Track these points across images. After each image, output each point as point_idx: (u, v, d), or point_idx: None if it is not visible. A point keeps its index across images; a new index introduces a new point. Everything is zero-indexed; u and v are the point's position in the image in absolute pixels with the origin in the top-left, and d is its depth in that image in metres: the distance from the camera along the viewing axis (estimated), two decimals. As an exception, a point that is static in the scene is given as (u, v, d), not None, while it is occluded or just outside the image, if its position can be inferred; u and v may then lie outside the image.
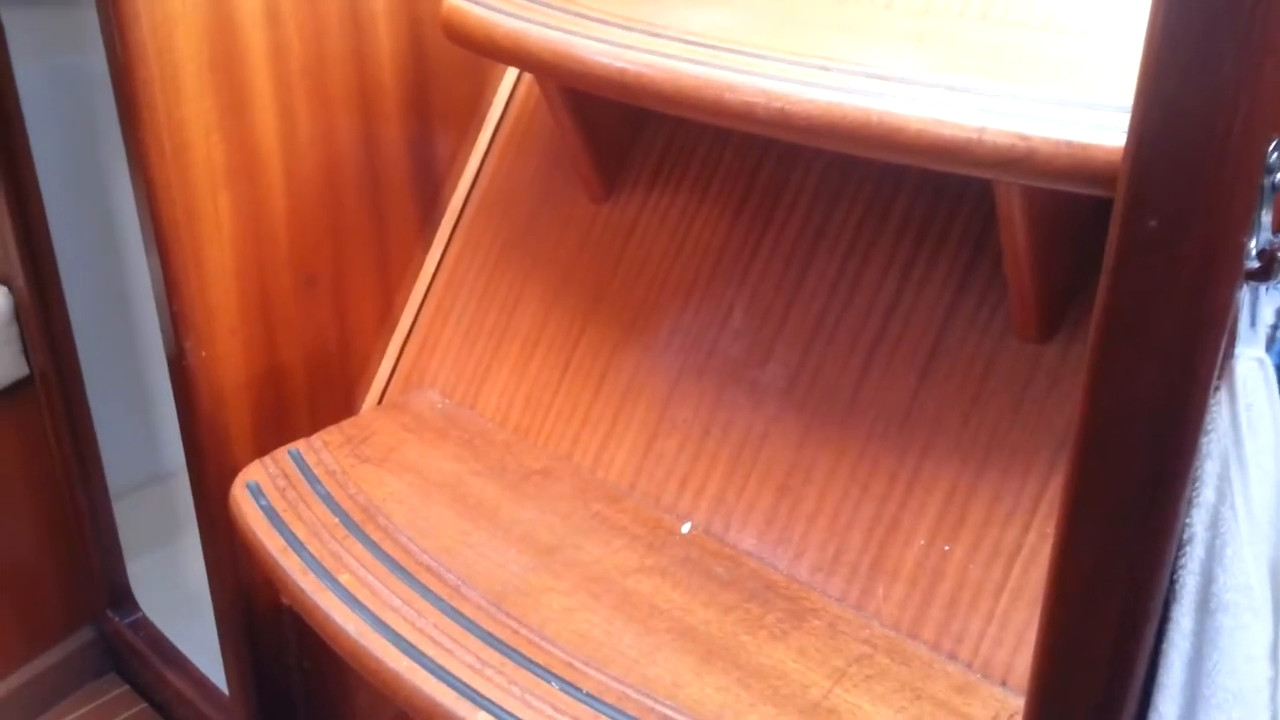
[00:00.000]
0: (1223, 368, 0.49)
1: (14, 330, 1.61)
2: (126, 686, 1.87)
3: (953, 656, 0.89)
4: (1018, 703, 0.84)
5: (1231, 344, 0.49)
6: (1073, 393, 0.88)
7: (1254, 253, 0.47)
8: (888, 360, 0.97)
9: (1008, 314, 0.91)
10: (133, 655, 1.82)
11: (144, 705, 1.83)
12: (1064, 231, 0.84)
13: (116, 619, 1.84)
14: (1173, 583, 0.53)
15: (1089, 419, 0.49)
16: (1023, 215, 0.80)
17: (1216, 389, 0.49)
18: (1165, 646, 0.54)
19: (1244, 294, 0.48)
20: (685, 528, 1.04)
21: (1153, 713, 0.55)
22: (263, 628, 1.32)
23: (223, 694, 1.65)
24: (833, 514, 0.97)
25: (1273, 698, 0.53)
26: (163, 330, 1.17)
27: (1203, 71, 0.43)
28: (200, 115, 1.07)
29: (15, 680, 1.75)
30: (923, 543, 0.92)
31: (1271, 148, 0.45)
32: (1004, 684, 0.86)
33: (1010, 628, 0.87)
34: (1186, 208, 0.44)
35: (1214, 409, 0.50)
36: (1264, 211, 0.47)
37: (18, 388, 1.64)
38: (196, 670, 1.74)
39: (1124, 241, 0.45)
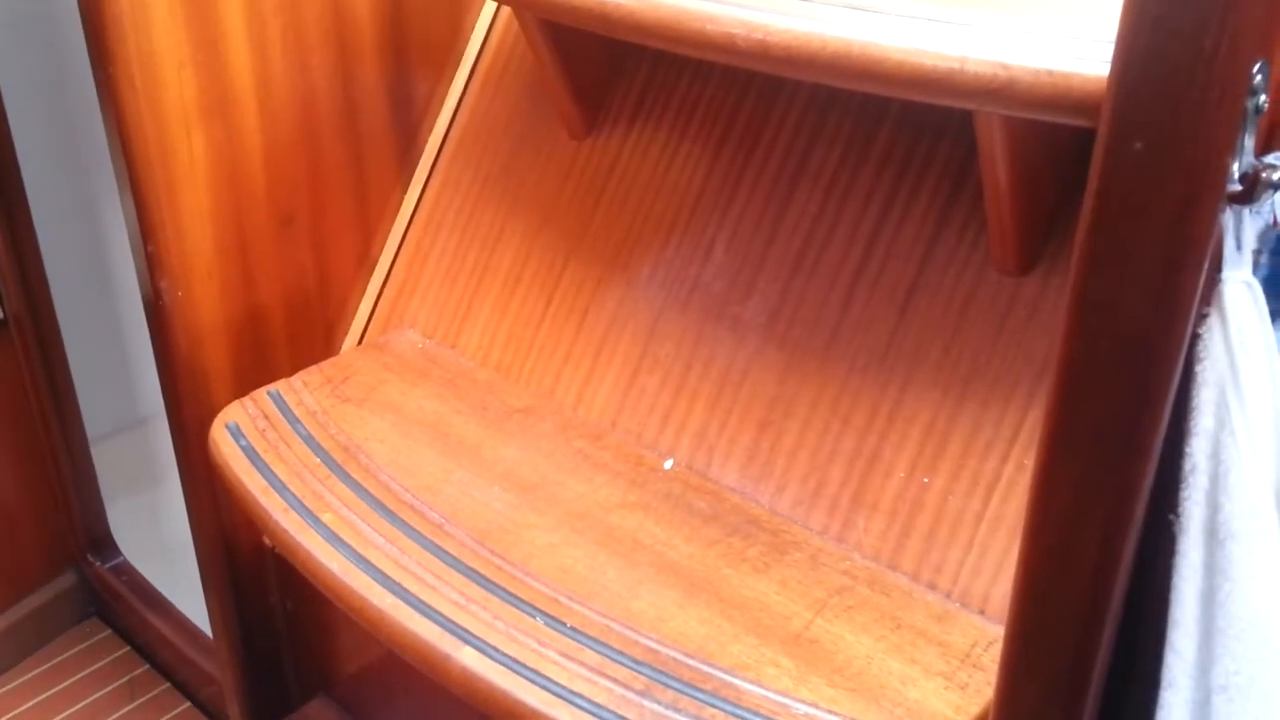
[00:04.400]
0: (1211, 293, 0.49)
1: (-14, 274, 1.60)
2: (109, 630, 1.87)
3: (932, 586, 0.90)
4: (996, 630, 0.86)
5: (1217, 268, 0.49)
6: (1051, 325, 0.88)
7: (1237, 175, 0.47)
8: (868, 295, 0.97)
9: (987, 247, 0.91)
10: (115, 599, 1.82)
11: (127, 649, 1.83)
12: (1044, 164, 0.84)
13: (97, 563, 1.84)
14: (1177, 516, 0.53)
15: (1072, 340, 0.49)
16: (1003, 148, 0.80)
17: (1207, 315, 0.50)
18: (1176, 581, 0.53)
19: (1228, 217, 0.48)
20: (667, 464, 1.04)
21: (1169, 649, 0.53)
22: (245, 569, 1.32)
23: (206, 636, 1.66)
24: (814, 448, 0.97)
25: None
26: (138, 272, 1.16)
27: (1189, -7, 0.43)
28: (172, 49, 1.06)
29: (-3, 625, 1.75)
30: (902, 475, 0.93)
31: (1255, 70, 0.45)
32: (982, 612, 0.88)
33: (989, 557, 0.88)
34: (1171, 129, 0.44)
35: (1207, 336, 0.50)
36: (1247, 134, 0.47)
37: (-8, 333, 1.63)
38: (179, 613, 1.75)
39: (1108, 163, 0.45)
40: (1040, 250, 0.88)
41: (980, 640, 0.85)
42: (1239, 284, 0.50)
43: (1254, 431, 0.50)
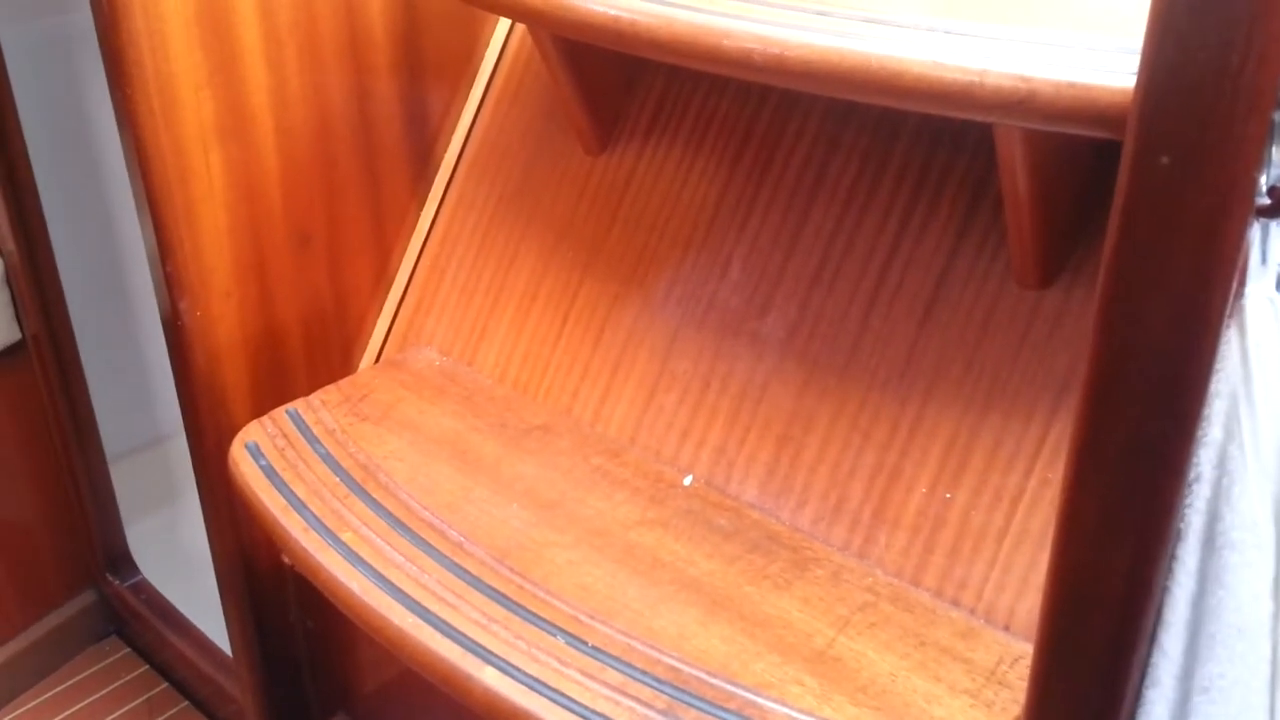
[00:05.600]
0: (1233, 306, 0.49)
1: (5, 295, 1.60)
2: (128, 649, 1.87)
3: (955, 603, 0.89)
4: (1021, 647, 0.85)
5: (1242, 282, 0.49)
6: (1073, 338, 0.88)
7: (1265, 189, 0.47)
8: (888, 308, 0.96)
9: (1007, 260, 0.91)
10: (133, 618, 1.83)
11: (146, 667, 1.84)
12: (1064, 176, 0.84)
13: (116, 582, 1.84)
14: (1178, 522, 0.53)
15: (1100, 358, 0.49)
16: (1024, 160, 0.80)
17: (1227, 327, 0.49)
18: (1170, 584, 0.54)
19: (1255, 231, 0.48)
20: (687, 480, 1.04)
21: (1157, 649, 0.55)
22: (264, 588, 1.32)
23: (224, 654, 1.66)
24: (834, 463, 0.97)
25: (1273, 631, 0.53)
26: (157, 292, 1.16)
27: (1214, 6, 0.43)
28: (189, 71, 1.06)
29: (18, 644, 1.76)
30: (924, 490, 0.92)
31: (1283, 82, 0.45)
32: (1007, 629, 0.87)
33: (1013, 573, 0.87)
34: (1198, 144, 0.44)
35: (1223, 347, 0.49)
36: (1275, 147, 0.46)
37: (10, 352, 1.64)
38: (198, 631, 1.75)
39: (1135, 179, 0.45)
40: (1062, 263, 0.88)
41: (1005, 657, 0.84)
42: (1261, 298, 0.50)
43: (1261, 446, 0.51)
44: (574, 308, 1.16)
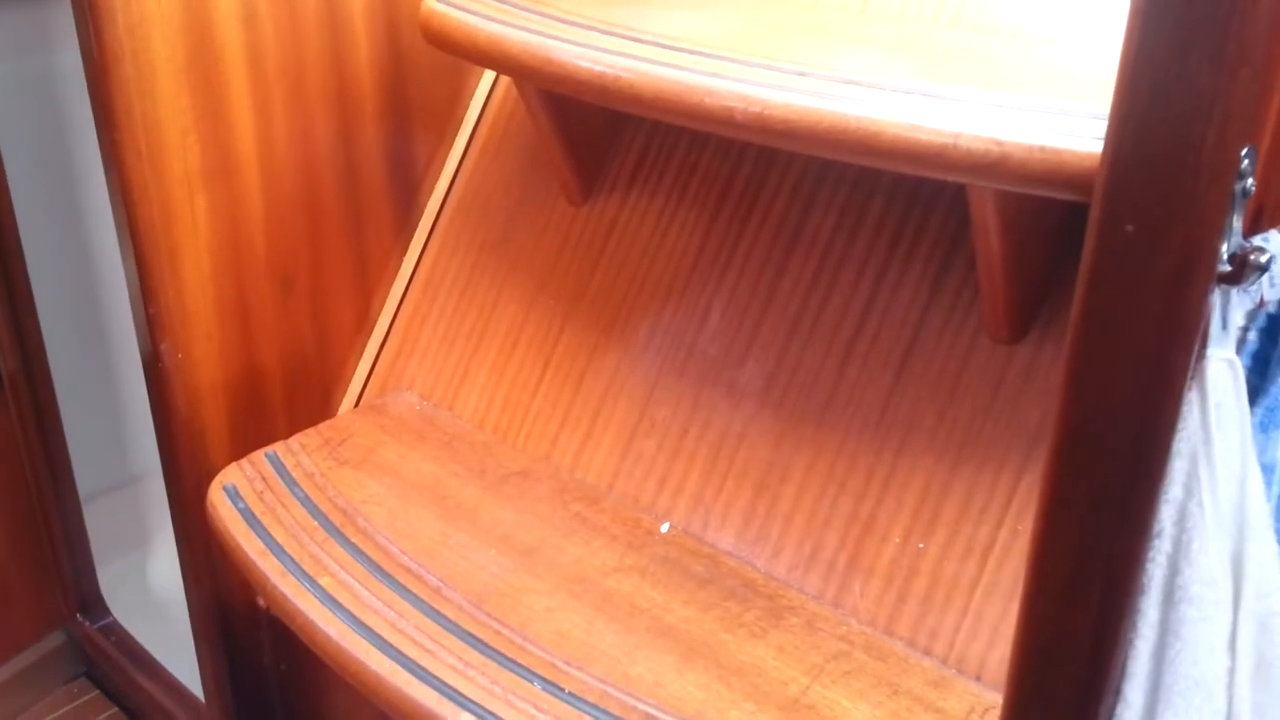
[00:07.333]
0: (1194, 369, 0.51)
1: (-18, 334, 1.60)
2: (98, 691, 1.85)
3: (928, 652, 0.90)
4: (992, 697, 0.86)
5: (1203, 345, 0.51)
6: (1044, 392, 0.89)
7: (1225, 256, 0.49)
8: (863, 360, 0.98)
9: (980, 315, 0.93)
10: (104, 660, 1.81)
11: (115, 709, 1.82)
12: (1036, 235, 0.86)
13: (87, 623, 1.83)
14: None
15: (1066, 418, 0.50)
16: (996, 219, 0.82)
17: (1188, 389, 0.51)
18: (1133, 636, 0.55)
19: (1215, 296, 0.50)
20: (664, 527, 1.05)
21: (1121, 701, 0.56)
22: (239, 631, 1.31)
23: (196, 698, 1.64)
24: (810, 512, 0.98)
25: (1229, 686, 0.55)
26: (138, 333, 1.17)
27: (1177, 84, 0.45)
28: (177, 117, 1.07)
29: (-15, 685, 1.74)
30: (898, 540, 0.93)
31: (1243, 154, 0.47)
32: (978, 679, 0.88)
33: (984, 623, 0.88)
34: (1162, 214, 0.46)
35: (1184, 408, 0.51)
36: (1235, 216, 0.48)
37: (-13, 391, 1.63)
38: (169, 674, 1.73)
39: (1101, 246, 0.47)
40: (1032, 319, 0.90)
41: (977, 706, 0.85)
42: (1221, 362, 0.52)
43: (1220, 504, 0.52)
44: (555, 354, 1.17)
